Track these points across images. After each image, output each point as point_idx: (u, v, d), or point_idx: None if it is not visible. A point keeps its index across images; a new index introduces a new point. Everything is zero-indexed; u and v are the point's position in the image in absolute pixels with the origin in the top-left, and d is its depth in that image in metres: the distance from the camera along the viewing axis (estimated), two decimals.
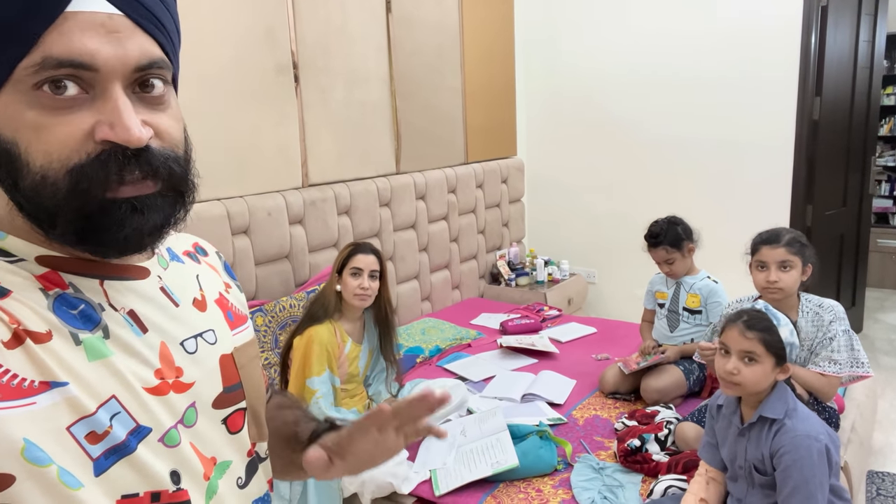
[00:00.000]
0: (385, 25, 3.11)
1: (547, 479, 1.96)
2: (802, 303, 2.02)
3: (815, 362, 1.94)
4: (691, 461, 1.88)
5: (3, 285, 0.53)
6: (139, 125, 0.54)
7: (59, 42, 0.51)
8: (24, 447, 0.49)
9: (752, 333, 1.48)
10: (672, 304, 2.57)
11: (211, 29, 2.33)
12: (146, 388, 0.59)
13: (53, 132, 0.52)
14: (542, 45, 4.23)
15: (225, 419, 0.68)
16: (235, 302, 0.77)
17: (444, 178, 3.52)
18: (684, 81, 3.76)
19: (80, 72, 0.52)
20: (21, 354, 0.51)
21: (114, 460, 0.55)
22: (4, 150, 0.53)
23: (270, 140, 2.59)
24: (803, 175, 3.54)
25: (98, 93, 0.53)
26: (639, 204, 3.99)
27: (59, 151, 0.52)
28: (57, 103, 0.52)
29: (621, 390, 2.49)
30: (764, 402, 1.51)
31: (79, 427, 0.53)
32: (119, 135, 0.53)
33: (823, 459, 1.44)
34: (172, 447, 0.60)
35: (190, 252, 0.75)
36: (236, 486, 0.68)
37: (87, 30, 0.52)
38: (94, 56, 0.52)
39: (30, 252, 0.57)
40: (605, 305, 4.28)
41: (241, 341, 0.73)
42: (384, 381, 2.36)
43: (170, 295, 0.66)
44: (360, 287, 2.16)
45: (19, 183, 0.53)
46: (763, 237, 2.01)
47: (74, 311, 0.56)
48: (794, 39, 3.42)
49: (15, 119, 0.52)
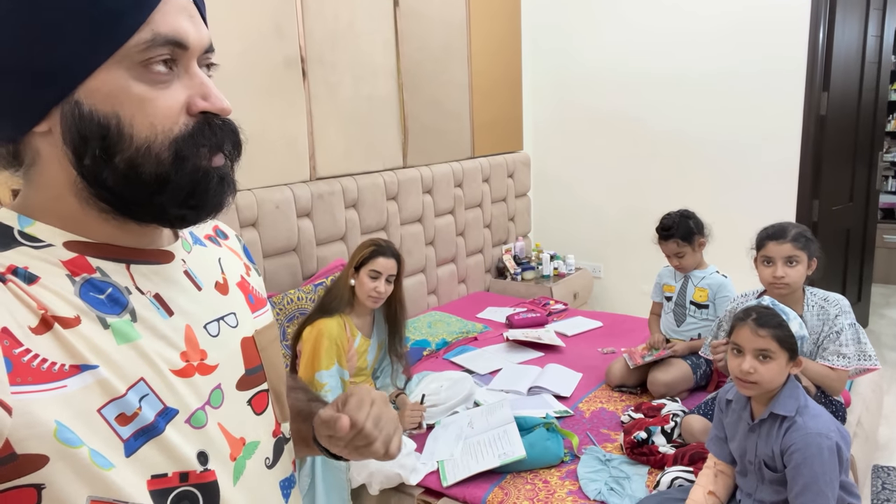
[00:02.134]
0: (393, 20, 3.11)
1: (554, 471, 1.98)
2: (807, 297, 2.02)
3: (822, 356, 1.94)
4: (697, 453, 1.89)
5: (31, 271, 0.54)
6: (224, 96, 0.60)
7: (164, 22, 0.56)
8: (56, 429, 0.51)
9: (765, 331, 1.47)
10: (679, 298, 2.58)
11: (221, 23, 2.34)
12: (172, 370, 0.60)
13: (157, 105, 0.56)
14: (549, 40, 4.23)
15: (250, 400, 0.69)
16: (255, 285, 0.78)
17: (450, 172, 3.52)
18: (691, 76, 3.75)
19: (176, 49, 0.57)
20: (50, 339, 0.53)
21: (143, 441, 0.56)
22: (102, 125, 0.55)
23: (278, 133, 2.60)
24: (810, 170, 3.53)
25: (182, 70, 0.58)
26: (645, 198, 3.99)
27: (162, 123, 0.57)
28: (158, 78, 0.56)
29: (628, 383, 2.50)
30: (775, 399, 1.51)
31: (109, 409, 0.54)
32: (215, 104, 0.59)
33: (834, 457, 1.44)
34: (199, 428, 0.61)
35: (211, 235, 0.77)
36: (264, 466, 0.70)
37: (180, 12, 0.57)
38: (188, 35, 0.57)
39: (57, 238, 0.58)
40: (610, 300, 4.29)
41: (262, 324, 0.74)
42: (391, 376, 2.38)
43: (193, 278, 0.67)
44: (376, 290, 2.16)
45: (117, 157, 0.56)
46: (769, 232, 2.01)
47: (102, 295, 0.57)
48: (802, 34, 3.41)
49: (118, 94, 0.55)
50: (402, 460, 1.98)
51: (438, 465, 2.01)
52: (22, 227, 0.57)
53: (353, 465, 2.01)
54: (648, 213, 2.77)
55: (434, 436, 2.18)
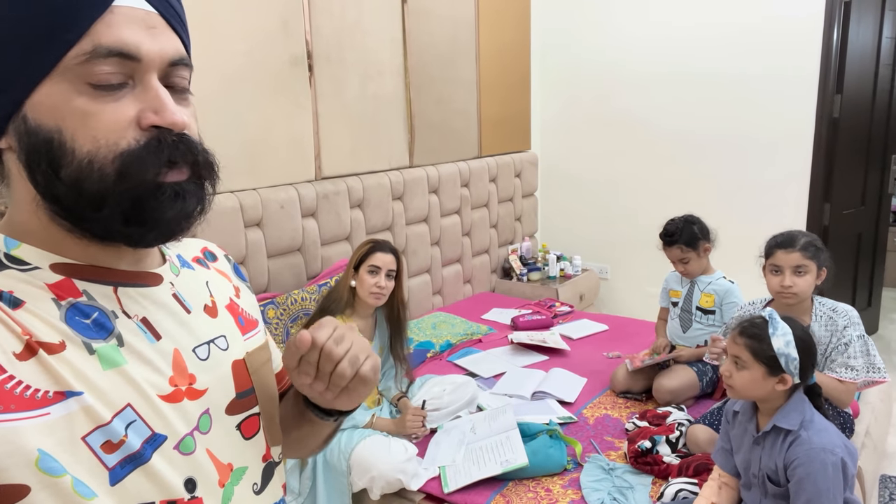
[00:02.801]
0: (400, 17, 3.08)
1: (556, 479, 1.96)
2: (816, 307, 1.99)
3: (831, 368, 1.92)
4: (702, 464, 1.86)
5: (17, 295, 0.54)
6: (181, 111, 0.57)
7: (108, 32, 0.53)
8: (38, 458, 0.50)
9: (741, 339, 1.51)
10: (685, 304, 2.55)
11: (227, 21, 2.32)
12: (160, 395, 0.59)
13: (100, 118, 0.54)
14: (559, 39, 4.19)
15: (238, 425, 0.68)
16: (246, 306, 0.77)
17: (457, 171, 3.50)
18: (702, 77, 3.71)
19: (125, 61, 0.54)
20: (34, 365, 0.52)
21: (129, 469, 0.56)
22: (46, 139, 0.54)
23: (284, 132, 2.59)
24: (822, 173, 3.49)
25: (137, 83, 0.56)
26: (654, 200, 3.96)
27: (106, 137, 0.54)
28: (103, 91, 0.54)
29: (633, 389, 2.47)
30: (779, 412, 1.49)
31: (94, 436, 0.54)
32: (165, 118, 0.56)
33: (839, 473, 1.41)
34: (187, 455, 0.60)
35: (199, 258, 0.76)
36: (252, 492, 0.69)
37: (130, 23, 0.55)
38: (138, 47, 0.55)
39: (44, 260, 0.57)
40: (617, 302, 4.26)
41: (253, 346, 0.73)
42: (393, 378, 2.36)
43: (182, 301, 0.66)
44: (377, 285, 2.15)
45: (61, 170, 0.54)
46: (778, 240, 1.98)
47: (88, 319, 0.57)
48: (816, 36, 3.36)
49: (61, 107, 0.54)
50: (404, 465, 1.97)
51: (440, 470, 2.00)
52: (8, 250, 0.57)
53: (355, 469, 2.00)
54: (657, 215, 2.74)
55: (436, 441, 2.16)
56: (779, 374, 1.47)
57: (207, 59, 2.25)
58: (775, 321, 1.50)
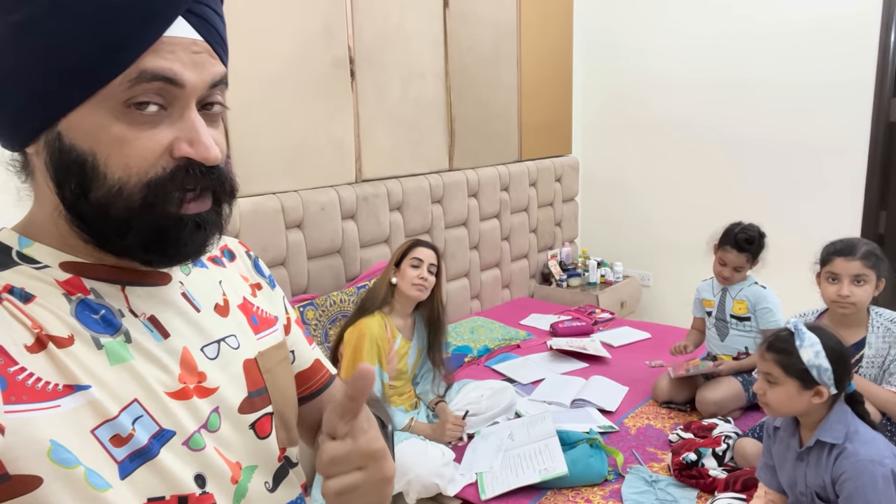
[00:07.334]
0: (442, 21, 3.08)
1: (597, 490, 1.91)
2: (872, 317, 1.91)
3: (888, 381, 1.83)
4: (751, 479, 1.79)
5: (28, 290, 0.55)
6: (215, 144, 0.57)
7: (154, 60, 0.53)
8: (50, 448, 0.51)
9: (769, 355, 1.47)
10: (719, 312, 2.49)
11: (272, 26, 2.35)
12: (168, 392, 0.60)
13: (135, 146, 0.54)
14: (602, 43, 4.13)
15: (252, 424, 0.68)
16: (263, 304, 0.77)
17: (496, 175, 3.47)
18: (750, 81, 3.60)
19: (168, 87, 0.54)
20: (44, 358, 0.53)
21: (138, 464, 0.56)
22: (79, 161, 0.54)
23: (325, 135, 2.60)
24: (877, 180, 3.35)
25: (176, 110, 0.56)
26: (698, 206, 3.86)
27: (138, 165, 0.54)
28: (142, 118, 0.54)
29: (676, 400, 2.40)
30: (821, 426, 1.43)
31: (102, 430, 0.54)
32: (200, 152, 0.56)
33: (890, 485, 1.35)
34: (197, 451, 0.61)
35: (216, 257, 0.76)
36: (265, 489, 0.68)
37: (176, 51, 0.54)
38: (182, 74, 0.54)
39: (54, 259, 0.58)
40: (659, 310, 4.16)
41: (267, 345, 0.73)
42: (431, 382, 2.34)
43: (191, 300, 0.67)
44: (420, 277, 2.15)
45: (91, 193, 0.55)
46: (837, 247, 1.90)
47: (96, 315, 0.58)
48: (872, 37, 3.23)
49: (97, 132, 0.54)
50: (441, 470, 1.94)
51: (477, 476, 1.97)
52: (21, 248, 0.58)
53: None
54: (700, 223, 2.67)
55: (473, 447, 2.13)
56: (813, 386, 1.42)
57: (251, 63, 2.28)
58: (801, 332, 1.44)
